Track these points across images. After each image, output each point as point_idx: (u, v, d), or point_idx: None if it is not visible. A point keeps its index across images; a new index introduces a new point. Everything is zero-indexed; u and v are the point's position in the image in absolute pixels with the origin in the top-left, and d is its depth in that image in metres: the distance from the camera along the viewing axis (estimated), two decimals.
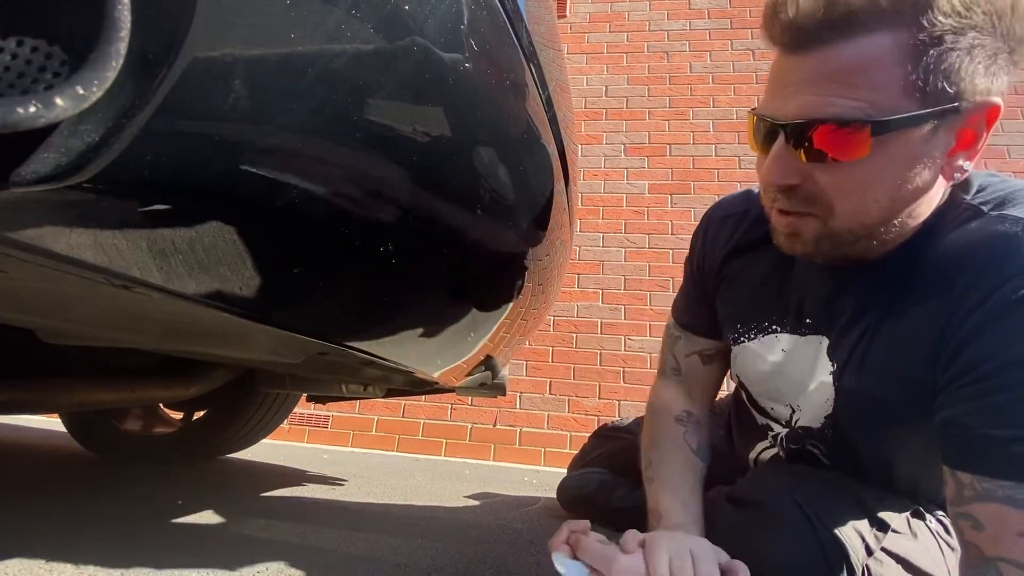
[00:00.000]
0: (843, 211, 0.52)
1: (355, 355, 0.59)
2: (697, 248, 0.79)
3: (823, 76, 0.47)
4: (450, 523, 1.05)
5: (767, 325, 0.70)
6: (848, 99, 0.47)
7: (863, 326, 0.59)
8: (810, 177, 0.51)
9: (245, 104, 0.30)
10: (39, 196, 0.25)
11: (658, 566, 0.51)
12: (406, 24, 0.37)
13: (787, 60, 0.50)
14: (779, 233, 0.58)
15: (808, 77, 0.48)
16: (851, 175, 0.49)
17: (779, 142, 0.51)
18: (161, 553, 0.70)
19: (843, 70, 0.47)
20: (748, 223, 0.73)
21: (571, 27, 3.33)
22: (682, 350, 0.84)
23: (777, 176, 0.52)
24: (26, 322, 0.56)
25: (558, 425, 2.57)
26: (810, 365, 0.65)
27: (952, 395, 0.50)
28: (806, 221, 0.54)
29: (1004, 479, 0.46)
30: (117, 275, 0.33)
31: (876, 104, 0.46)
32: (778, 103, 0.51)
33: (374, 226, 0.43)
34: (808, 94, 0.48)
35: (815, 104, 0.48)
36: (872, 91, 0.46)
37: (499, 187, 0.53)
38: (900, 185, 0.50)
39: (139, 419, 1.52)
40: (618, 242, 2.86)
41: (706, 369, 0.82)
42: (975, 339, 0.48)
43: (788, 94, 0.50)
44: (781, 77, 0.51)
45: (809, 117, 0.48)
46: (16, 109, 0.19)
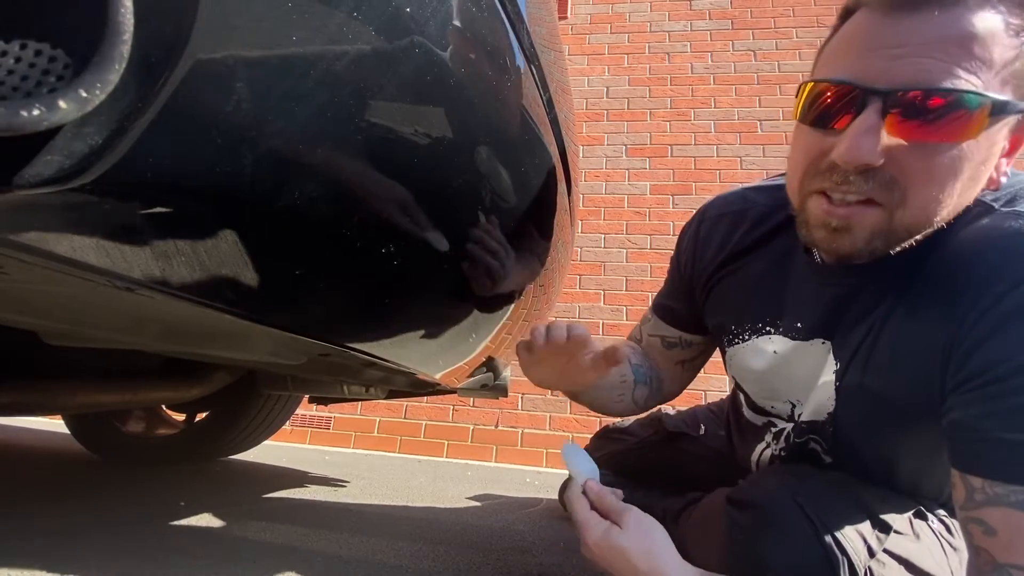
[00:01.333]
0: (915, 202, 0.47)
1: (357, 356, 0.59)
2: (687, 245, 0.78)
3: (946, 40, 0.42)
4: (452, 524, 1.05)
5: (760, 326, 0.69)
6: (970, 72, 0.42)
7: (869, 323, 0.58)
8: (895, 158, 0.45)
9: (247, 106, 0.30)
10: (42, 198, 0.25)
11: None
12: (407, 26, 0.37)
13: (891, 18, 0.44)
14: (821, 227, 0.51)
15: (927, 39, 0.42)
16: (945, 159, 0.44)
17: (871, 112, 0.44)
18: (163, 554, 0.70)
19: (968, 38, 0.41)
20: (747, 224, 0.71)
21: (572, 28, 3.33)
22: (648, 328, 0.86)
23: (867, 152, 0.44)
24: (29, 324, 0.56)
25: (560, 426, 2.57)
26: (810, 366, 0.64)
27: (963, 397, 0.49)
28: (868, 213, 0.48)
29: (1017, 484, 0.45)
30: (120, 277, 0.33)
31: (989, 84, 0.42)
32: (876, 66, 0.44)
33: (375, 228, 0.43)
34: (927, 57, 0.42)
35: (935, 70, 0.42)
36: (989, 69, 0.42)
37: (500, 189, 0.53)
38: (972, 178, 0.46)
39: (141, 421, 1.52)
40: (619, 243, 2.86)
41: (664, 352, 0.84)
42: (988, 341, 0.47)
43: (895, 55, 0.43)
44: (879, 38, 0.44)
45: (927, 84, 0.42)
46: (20, 112, 0.19)
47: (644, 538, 0.55)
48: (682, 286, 0.79)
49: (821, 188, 0.50)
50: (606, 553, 0.55)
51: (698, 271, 0.75)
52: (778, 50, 3.10)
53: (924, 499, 0.65)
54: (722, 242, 0.73)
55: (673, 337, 0.82)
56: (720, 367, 0.78)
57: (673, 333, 0.82)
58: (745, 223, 0.71)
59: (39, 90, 0.20)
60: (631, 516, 0.56)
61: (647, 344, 0.85)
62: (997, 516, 0.46)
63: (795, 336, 0.65)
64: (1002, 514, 0.46)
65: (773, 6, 3.19)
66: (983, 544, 0.47)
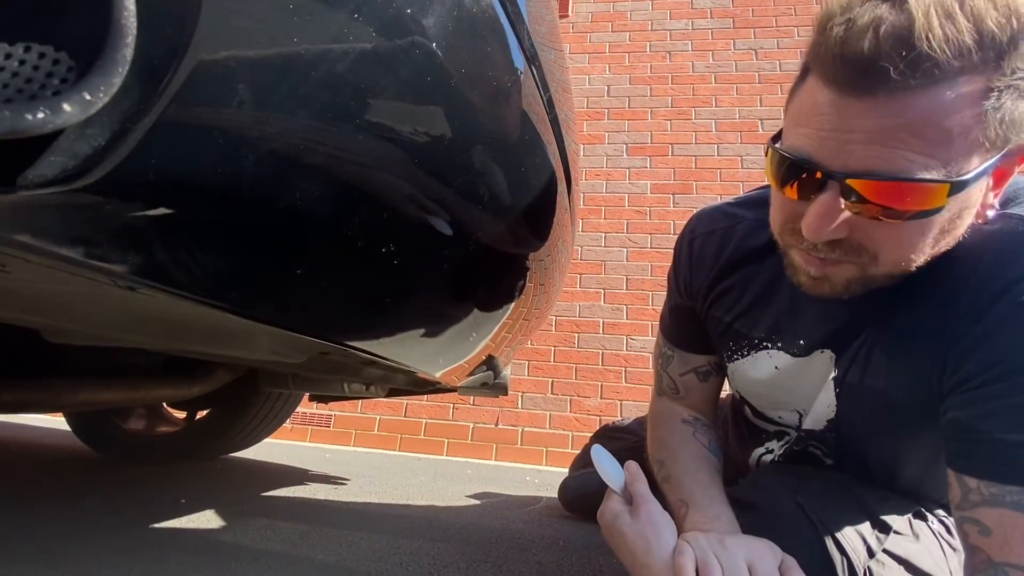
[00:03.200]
0: (886, 260, 0.48)
1: (357, 355, 0.59)
2: (682, 265, 0.76)
3: (896, 128, 0.41)
4: (452, 522, 1.05)
5: (758, 342, 0.69)
6: (924, 156, 0.41)
7: (864, 334, 0.58)
8: (860, 230, 0.47)
9: (248, 107, 0.30)
10: (46, 199, 0.25)
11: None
12: (407, 26, 0.37)
13: (842, 101, 0.43)
14: (802, 273, 0.54)
15: (876, 127, 0.42)
16: (908, 229, 0.46)
17: (830, 194, 0.45)
18: (164, 552, 0.71)
19: (919, 123, 0.41)
20: (736, 238, 0.70)
21: (573, 27, 3.33)
22: (676, 369, 0.81)
23: (826, 233, 0.46)
24: (32, 322, 0.56)
25: (560, 425, 2.57)
26: (813, 378, 0.65)
27: (960, 397, 0.49)
28: (842, 268, 0.50)
29: (1012, 484, 0.45)
30: (122, 276, 0.33)
31: (949, 160, 0.42)
32: (830, 149, 0.44)
33: (376, 227, 0.44)
34: (878, 147, 0.42)
35: (886, 157, 0.42)
36: (946, 146, 0.41)
37: (500, 188, 0.53)
38: (945, 232, 0.47)
39: (142, 419, 1.53)
40: (620, 242, 2.86)
41: (704, 385, 0.80)
42: (984, 343, 0.47)
43: (847, 140, 0.43)
44: (831, 119, 0.44)
45: (880, 173, 0.43)
46: (24, 115, 0.19)
47: (648, 531, 0.55)
48: (686, 307, 0.77)
49: (796, 246, 0.52)
50: (611, 534, 0.58)
51: (696, 288, 0.75)
52: (780, 49, 3.10)
53: (924, 500, 0.65)
54: (714, 259, 0.72)
55: (704, 365, 0.79)
56: None
57: (702, 360, 0.78)
58: (734, 238, 0.70)
59: (43, 93, 0.20)
60: (646, 508, 0.57)
61: (686, 388, 0.80)
62: (992, 516, 0.46)
63: (796, 353, 0.65)
64: (997, 514, 0.46)
65: (775, 5, 3.18)
66: (978, 544, 0.48)
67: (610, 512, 0.59)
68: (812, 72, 0.46)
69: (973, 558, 0.48)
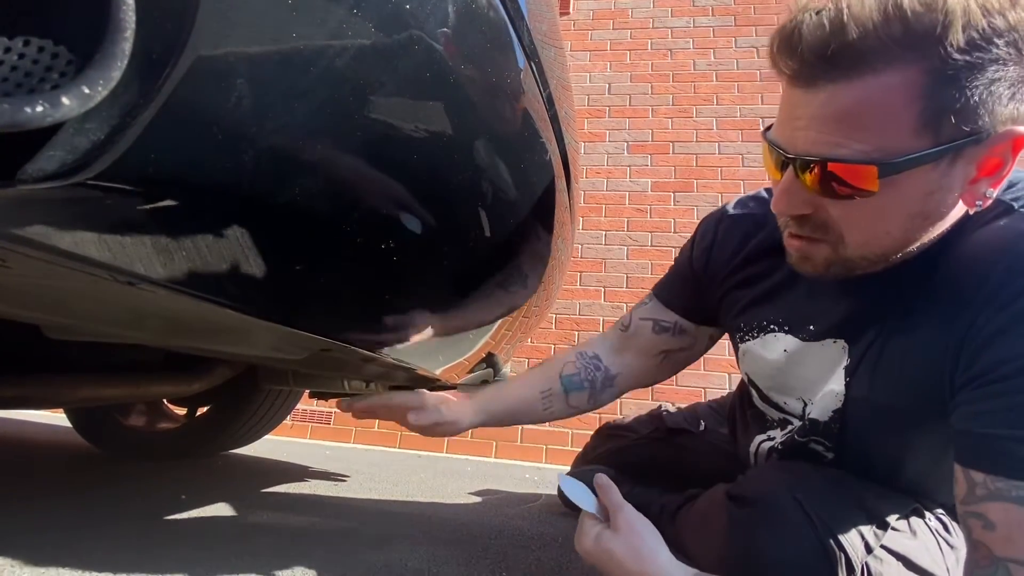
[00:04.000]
0: (854, 241, 0.52)
1: (358, 352, 0.59)
2: (705, 239, 0.79)
3: (830, 116, 0.46)
4: (451, 519, 1.05)
5: (766, 324, 0.70)
6: (856, 141, 0.46)
7: (878, 328, 0.59)
8: (821, 207, 0.51)
9: (247, 102, 0.30)
10: (45, 193, 0.25)
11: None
12: (406, 23, 0.37)
13: (793, 92, 0.49)
14: (790, 255, 0.59)
15: (816, 114, 0.47)
16: (861, 209, 0.49)
17: (789, 174, 0.51)
18: (164, 548, 0.71)
19: (850, 111, 0.45)
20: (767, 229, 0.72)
21: (574, 24, 3.32)
22: (642, 312, 0.86)
23: (787, 206, 0.52)
24: (31, 318, 0.57)
25: (560, 423, 2.58)
26: (820, 365, 0.65)
27: (971, 393, 0.50)
28: (818, 247, 0.54)
29: (1019, 479, 0.46)
30: (121, 271, 0.33)
31: (884, 146, 0.45)
32: (787, 134, 0.50)
33: (375, 224, 0.44)
34: (815, 131, 0.47)
35: (822, 143, 0.47)
36: (881, 133, 0.45)
37: (499, 186, 0.53)
38: (913, 216, 0.50)
39: (143, 415, 1.53)
40: (620, 240, 2.86)
41: (652, 338, 0.84)
42: (998, 340, 0.48)
43: (796, 127, 0.49)
44: (790, 108, 0.50)
45: (817, 155, 0.48)
46: (23, 108, 0.19)
47: (633, 540, 0.56)
48: (691, 276, 0.80)
49: (783, 225, 0.58)
50: (597, 556, 0.57)
51: (713, 267, 0.77)
52: None
53: (923, 498, 0.65)
54: (740, 242, 0.75)
55: (668, 322, 0.83)
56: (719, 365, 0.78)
57: (670, 318, 0.83)
58: (765, 229, 0.72)
59: (42, 87, 0.20)
60: (622, 516, 0.58)
61: (635, 329, 0.85)
62: (997, 511, 0.47)
63: (805, 337, 0.66)
64: (1002, 509, 0.46)
65: (776, 2, 3.18)
66: (982, 538, 0.48)
67: (587, 535, 0.59)
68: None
69: (975, 553, 0.49)
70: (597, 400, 0.85)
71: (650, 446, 1.10)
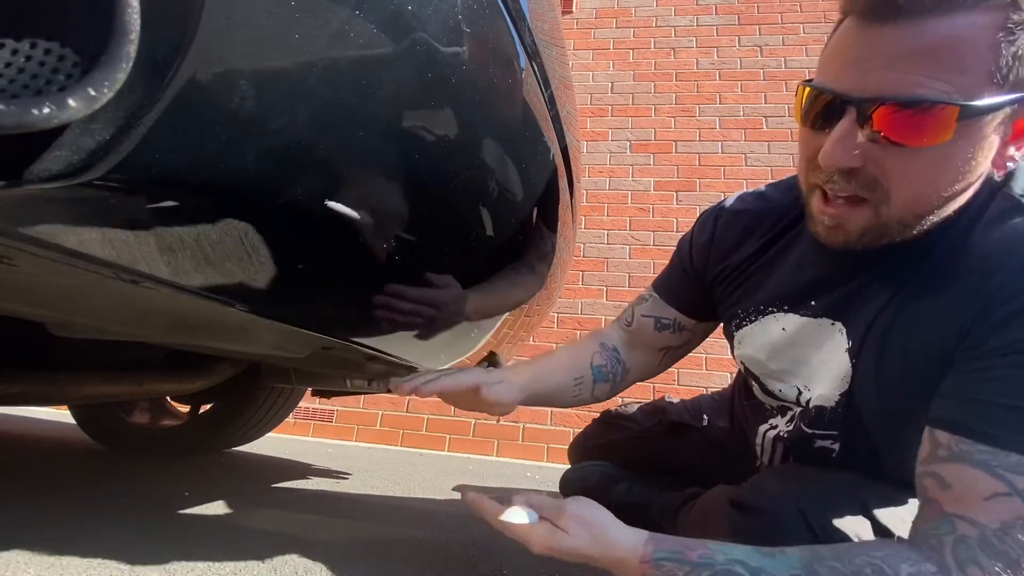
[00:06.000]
0: (900, 199, 0.49)
1: (359, 350, 0.60)
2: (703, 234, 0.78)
3: (912, 53, 0.44)
4: (453, 518, 1.05)
5: (766, 307, 0.70)
6: (937, 80, 0.43)
7: (885, 305, 0.58)
8: (874, 160, 0.48)
9: (250, 103, 0.30)
10: (51, 193, 0.26)
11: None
12: (409, 24, 0.37)
13: (866, 30, 0.46)
14: (818, 222, 0.56)
15: (894, 52, 0.44)
16: (921, 160, 0.47)
17: (847, 120, 0.47)
18: (167, 543, 0.72)
19: (934, 48, 0.43)
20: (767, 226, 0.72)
21: (577, 23, 3.32)
22: (643, 309, 0.86)
23: (842, 157, 0.48)
24: (37, 315, 0.57)
25: (561, 422, 2.58)
26: (820, 346, 0.65)
27: (967, 365, 0.50)
28: (856, 212, 0.52)
29: (985, 443, 0.46)
30: (126, 270, 0.33)
31: (963, 88, 0.43)
32: (851, 76, 0.47)
33: (378, 223, 0.44)
34: (893, 70, 0.45)
35: (901, 82, 0.44)
36: (961, 73, 0.43)
37: (501, 185, 0.53)
38: (962, 173, 0.48)
39: (146, 412, 1.54)
40: (623, 239, 2.86)
41: (654, 335, 0.84)
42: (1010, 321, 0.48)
43: (866, 68, 0.46)
44: (855, 49, 0.47)
45: (892, 96, 0.45)
46: (31, 110, 0.20)
47: (588, 528, 0.55)
48: (691, 271, 0.80)
49: (817, 183, 0.54)
50: (559, 555, 0.56)
51: (712, 262, 0.77)
52: (784, 46, 3.08)
53: None
54: (740, 239, 0.74)
55: (668, 319, 0.83)
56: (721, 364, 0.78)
57: (670, 315, 0.83)
58: (768, 220, 0.72)
59: (49, 88, 0.20)
60: (568, 513, 0.56)
61: (637, 326, 0.85)
62: (955, 471, 0.47)
63: (805, 313, 0.66)
64: (960, 470, 0.47)
65: (780, 1, 3.17)
66: (934, 496, 0.48)
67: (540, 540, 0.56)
68: (842, 18, 0.49)
69: (924, 510, 0.49)
70: (615, 392, 0.86)
71: (651, 440, 1.10)
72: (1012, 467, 0.44)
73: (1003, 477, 0.45)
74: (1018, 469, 0.44)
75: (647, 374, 0.88)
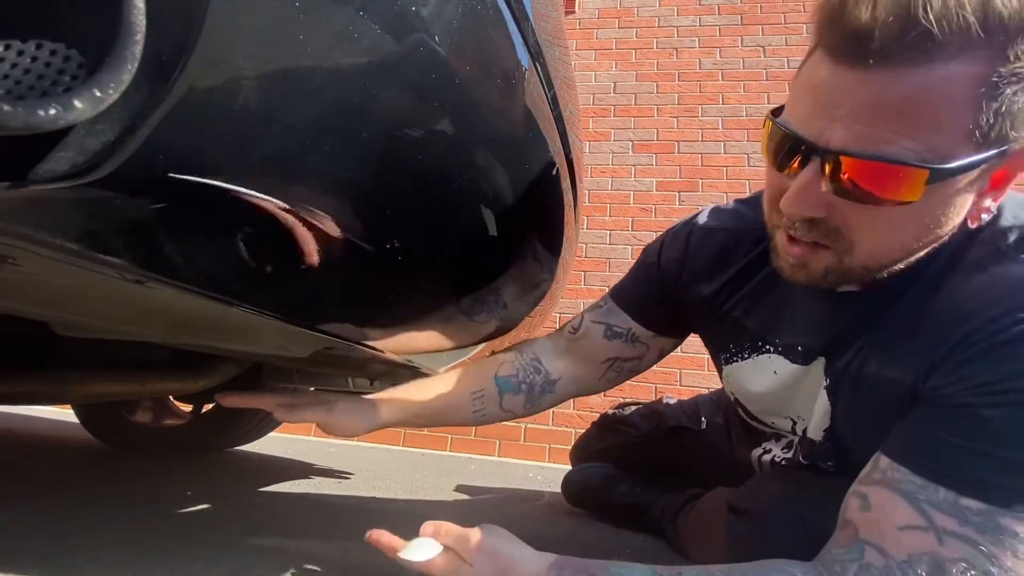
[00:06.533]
0: (863, 250, 0.48)
1: (362, 350, 0.60)
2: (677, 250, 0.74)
3: (882, 105, 0.40)
4: (454, 518, 1.05)
5: (760, 345, 0.68)
6: (908, 138, 0.40)
7: (861, 344, 0.58)
8: (838, 211, 0.46)
9: (254, 104, 0.30)
10: (56, 193, 0.26)
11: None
12: (412, 24, 0.38)
13: (835, 71, 0.42)
14: (782, 259, 0.54)
15: (863, 102, 0.41)
16: (887, 216, 0.45)
17: (811, 169, 0.45)
18: (169, 542, 0.72)
19: (907, 102, 0.39)
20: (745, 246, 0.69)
21: (580, 23, 3.31)
22: (594, 316, 0.80)
23: (804, 207, 0.46)
24: (41, 315, 0.57)
25: (563, 422, 2.58)
26: (806, 385, 0.64)
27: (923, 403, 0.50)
28: (820, 256, 0.50)
29: (919, 475, 0.45)
30: (129, 270, 0.33)
31: (936, 147, 0.40)
32: (818, 123, 0.44)
33: (380, 224, 0.44)
34: (862, 124, 0.41)
35: (868, 136, 0.41)
36: (935, 132, 0.40)
37: (503, 185, 0.53)
38: (930, 227, 0.46)
39: (149, 411, 1.54)
40: (625, 239, 2.86)
41: (601, 344, 0.78)
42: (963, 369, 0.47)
43: (833, 116, 0.42)
44: (824, 92, 0.43)
45: (858, 151, 0.42)
46: (37, 111, 0.20)
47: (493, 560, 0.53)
48: (656, 284, 0.76)
49: (779, 224, 0.52)
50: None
51: (685, 279, 0.73)
52: (787, 46, 3.08)
53: None
54: (715, 261, 0.71)
55: (622, 328, 0.78)
56: None
57: (625, 324, 0.78)
58: (743, 245, 0.69)
59: (55, 89, 0.20)
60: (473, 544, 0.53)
61: (584, 332, 0.80)
62: (880, 496, 0.47)
63: (794, 360, 0.65)
64: (885, 495, 0.46)
65: (783, 1, 3.16)
66: (853, 518, 0.48)
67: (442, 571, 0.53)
68: (815, 46, 0.46)
69: (842, 532, 0.49)
70: (535, 405, 0.79)
71: (650, 444, 1.10)
72: (937, 503, 0.44)
73: (924, 511, 0.44)
74: (942, 507, 0.44)
75: (585, 387, 0.82)
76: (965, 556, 0.42)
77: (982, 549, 0.42)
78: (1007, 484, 0.43)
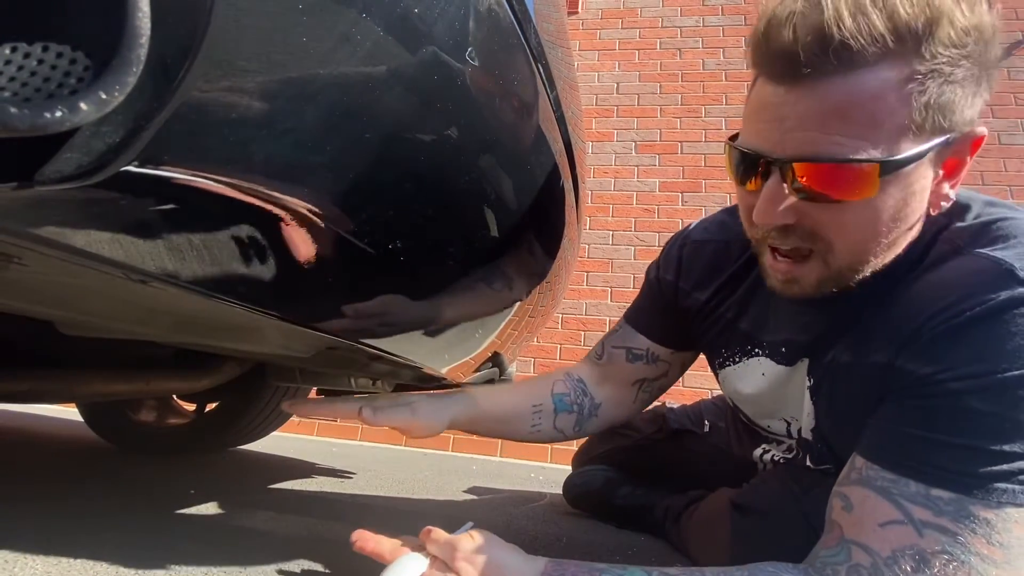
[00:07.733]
0: (842, 247, 0.50)
1: (364, 350, 0.60)
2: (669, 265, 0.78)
3: (823, 113, 0.44)
4: (456, 518, 1.06)
5: (749, 348, 0.70)
6: (853, 137, 0.44)
7: (837, 345, 0.59)
8: (808, 214, 0.49)
9: (259, 106, 0.30)
10: (62, 194, 0.26)
11: None
12: (415, 25, 0.38)
13: (779, 91, 0.46)
14: (772, 278, 0.56)
15: (806, 112, 0.45)
16: (852, 213, 0.48)
17: (773, 180, 0.48)
18: (172, 541, 0.72)
19: (844, 107, 0.43)
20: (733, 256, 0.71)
21: (583, 24, 3.31)
22: (613, 340, 0.83)
23: (772, 216, 0.49)
24: (46, 314, 0.58)
25: None
26: (793, 386, 0.66)
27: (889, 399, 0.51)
28: (807, 267, 0.52)
29: (889, 471, 0.47)
30: (134, 270, 0.34)
31: (879, 142, 0.44)
32: (772, 136, 0.47)
33: (383, 224, 0.44)
34: (809, 130, 0.45)
35: (819, 141, 0.45)
36: (876, 128, 0.44)
37: (506, 186, 0.54)
38: (898, 219, 0.49)
39: (153, 410, 1.55)
40: (628, 240, 2.86)
41: (626, 367, 0.81)
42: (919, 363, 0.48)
43: (784, 129, 0.46)
44: (771, 109, 0.47)
45: (812, 155, 0.45)
46: (43, 113, 0.20)
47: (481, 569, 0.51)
48: (661, 301, 0.79)
49: (758, 238, 0.55)
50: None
51: (681, 293, 0.76)
52: None
53: None
54: (708, 270, 0.74)
55: (640, 349, 0.81)
56: None
57: (642, 344, 0.81)
58: (731, 254, 0.72)
59: (60, 92, 0.21)
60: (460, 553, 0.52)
61: (608, 358, 0.83)
62: (859, 495, 0.48)
63: (780, 361, 0.66)
64: (864, 494, 0.48)
65: None
66: (838, 519, 0.49)
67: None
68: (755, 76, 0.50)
69: (828, 534, 0.50)
70: (583, 428, 0.81)
71: (653, 447, 1.10)
72: (910, 496, 0.45)
73: (900, 505, 0.45)
74: (915, 499, 0.45)
75: (622, 412, 0.84)
76: (945, 547, 0.43)
77: (959, 539, 0.43)
78: (969, 471, 0.44)
